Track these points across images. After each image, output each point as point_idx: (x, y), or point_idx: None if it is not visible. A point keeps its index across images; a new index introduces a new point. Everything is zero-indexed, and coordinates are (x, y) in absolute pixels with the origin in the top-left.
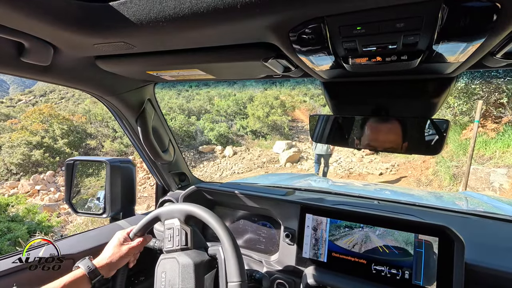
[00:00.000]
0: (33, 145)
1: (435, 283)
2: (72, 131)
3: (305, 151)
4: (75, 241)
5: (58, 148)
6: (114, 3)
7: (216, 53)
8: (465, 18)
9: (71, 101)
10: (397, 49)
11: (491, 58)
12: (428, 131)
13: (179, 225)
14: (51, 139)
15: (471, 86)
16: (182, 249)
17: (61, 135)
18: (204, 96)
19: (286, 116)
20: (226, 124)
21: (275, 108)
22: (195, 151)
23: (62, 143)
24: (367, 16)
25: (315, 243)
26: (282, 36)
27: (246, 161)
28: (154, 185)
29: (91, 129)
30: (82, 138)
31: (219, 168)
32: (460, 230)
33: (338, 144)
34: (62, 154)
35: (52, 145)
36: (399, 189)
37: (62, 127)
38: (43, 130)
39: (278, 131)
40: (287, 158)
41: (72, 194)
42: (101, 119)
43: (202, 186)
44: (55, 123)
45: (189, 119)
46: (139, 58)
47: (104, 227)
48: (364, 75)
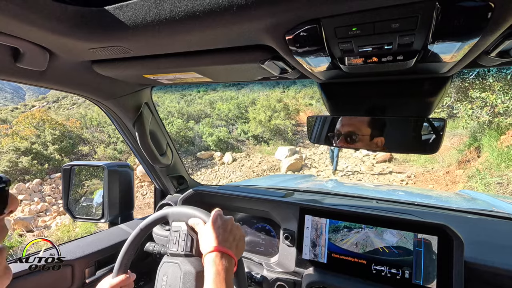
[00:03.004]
0: (21, 151)
1: (435, 282)
2: (65, 136)
3: (309, 158)
4: (73, 246)
5: (48, 155)
6: (110, 7)
7: (213, 56)
8: (460, 17)
9: (82, 106)
10: (392, 49)
11: (485, 57)
12: (425, 131)
13: (186, 230)
14: (41, 145)
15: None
16: (186, 255)
17: (52, 140)
18: (205, 100)
19: (290, 120)
20: (226, 128)
21: (278, 112)
22: (192, 158)
23: (53, 149)
24: (363, 17)
25: (315, 244)
26: (278, 38)
27: (246, 168)
28: (146, 194)
29: (86, 134)
30: (75, 144)
31: (217, 176)
32: (459, 229)
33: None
34: (52, 161)
35: (41, 151)
36: (414, 190)
37: (54, 133)
38: (35, 135)
39: (281, 136)
40: (288, 166)
41: (70, 199)
42: (96, 123)
43: (200, 189)
44: (47, 128)
45: (187, 124)
46: (136, 62)
47: (103, 231)
48: (360, 75)
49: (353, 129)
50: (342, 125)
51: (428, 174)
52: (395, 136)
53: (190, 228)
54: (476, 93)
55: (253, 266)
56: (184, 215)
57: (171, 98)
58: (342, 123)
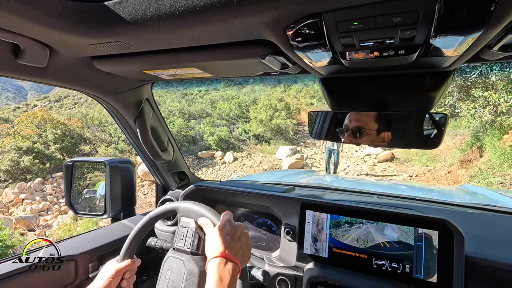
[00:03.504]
0: (23, 150)
1: (436, 276)
2: (67, 135)
3: (310, 158)
4: (76, 242)
5: (50, 154)
6: (110, 3)
7: (213, 51)
8: (462, 11)
9: (84, 106)
10: (394, 44)
11: (488, 51)
12: (426, 125)
13: (195, 228)
14: (43, 144)
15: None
16: (192, 253)
17: (54, 140)
18: (206, 99)
19: (291, 120)
20: (227, 128)
21: (279, 111)
22: (194, 157)
23: (54, 149)
24: (364, 11)
25: (316, 239)
26: (279, 33)
27: (247, 167)
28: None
29: (88, 133)
30: (76, 143)
31: (218, 175)
32: (459, 223)
33: (337, 140)
34: (53, 160)
35: (43, 150)
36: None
37: (56, 132)
38: (37, 135)
39: (283, 135)
40: (288, 165)
41: (72, 195)
42: (98, 123)
43: (202, 184)
44: (48, 127)
45: (189, 123)
46: (136, 57)
47: (106, 227)
48: (362, 70)
49: (360, 124)
50: (349, 120)
51: (430, 173)
52: (397, 130)
53: (199, 227)
54: (479, 92)
55: (254, 261)
56: (194, 212)
57: (172, 98)
58: (349, 118)
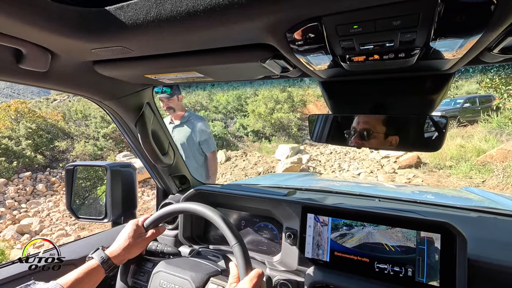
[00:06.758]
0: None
1: (438, 280)
2: (43, 130)
3: (314, 159)
4: (77, 246)
5: (19, 151)
6: (111, 8)
7: (214, 55)
8: (462, 14)
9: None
10: (394, 47)
11: (488, 54)
12: (427, 128)
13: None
14: (12, 140)
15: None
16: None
17: (26, 135)
18: (205, 91)
19: (295, 113)
20: (221, 123)
21: (281, 103)
22: None
23: (25, 145)
24: (364, 15)
25: (317, 242)
26: (279, 36)
27: (238, 170)
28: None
29: (69, 128)
30: (52, 139)
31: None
32: (462, 226)
33: (339, 143)
34: (22, 158)
35: (11, 147)
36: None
37: (30, 126)
38: (10, 129)
39: (285, 131)
40: (283, 170)
41: (73, 200)
42: (81, 116)
43: (202, 188)
44: (23, 121)
45: None
46: (137, 62)
47: (106, 231)
48: (362, 73)
49: (368, 126)
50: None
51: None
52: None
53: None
54: None
55: (255, 265)
56: (200, 213)
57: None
58: (357, 121)
